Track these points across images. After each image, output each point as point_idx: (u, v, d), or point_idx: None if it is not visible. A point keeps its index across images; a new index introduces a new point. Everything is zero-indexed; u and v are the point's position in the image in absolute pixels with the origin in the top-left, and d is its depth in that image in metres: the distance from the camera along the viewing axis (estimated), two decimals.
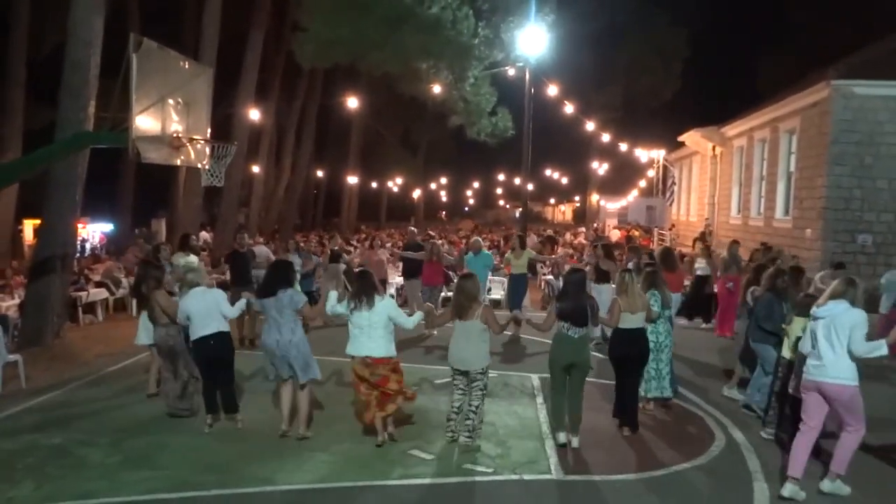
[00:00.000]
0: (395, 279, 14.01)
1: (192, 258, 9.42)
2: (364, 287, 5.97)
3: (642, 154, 32.33)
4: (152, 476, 5.40)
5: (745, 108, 21.43)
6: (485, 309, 6.02)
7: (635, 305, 6.49)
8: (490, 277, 14.85)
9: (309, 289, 11.05)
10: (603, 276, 9.83)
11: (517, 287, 11.12)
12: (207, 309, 6.32)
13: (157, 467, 5.59)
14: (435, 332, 10.49)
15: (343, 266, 12.33)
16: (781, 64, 33.36)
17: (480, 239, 12.83)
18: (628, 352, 6.54)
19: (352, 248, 17.24)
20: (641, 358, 6.65)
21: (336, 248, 13.20)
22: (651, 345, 6.89)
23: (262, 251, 12.08)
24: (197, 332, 6.34)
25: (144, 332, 7.34)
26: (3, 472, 5.47)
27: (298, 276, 10.78)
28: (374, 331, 5.86)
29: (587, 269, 9.56)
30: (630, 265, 8.38)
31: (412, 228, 15.20)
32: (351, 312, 5.91)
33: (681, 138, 26.08)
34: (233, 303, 6.68)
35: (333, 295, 6.33)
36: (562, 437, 6.13)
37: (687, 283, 12.30)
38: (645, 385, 7.09)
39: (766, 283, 7.10)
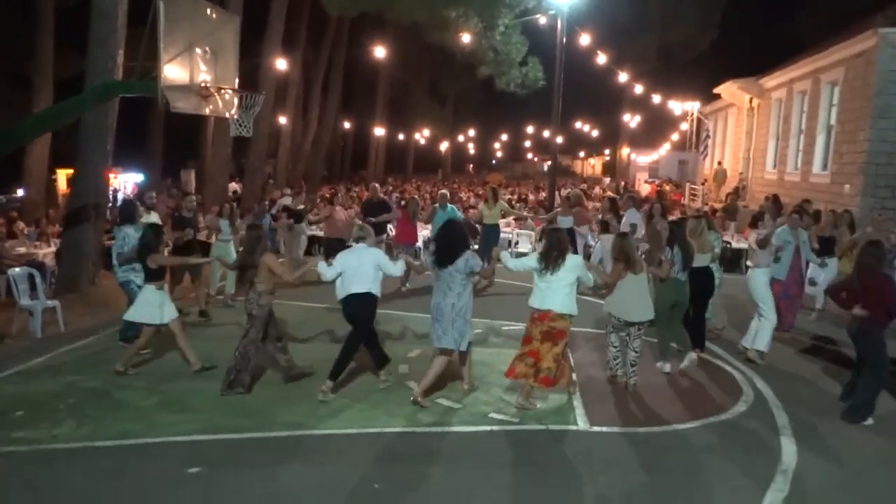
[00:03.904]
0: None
1: (153, 215, 9.43)
2: (556, 245, 5.90)
3: (676, 106, 31.41)
4: (187, 419, 5.56)
5: (785, 59, 20.67)
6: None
7: (704, 248, 7.28)
8: (517, 231, 15.13)
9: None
10: (604, 228, 10.60)
11: (489, 237, 11.25)
12: (364, 267, 6.17)
13: (191, 410, 5.75)
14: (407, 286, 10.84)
15: (306, 225, 12.51)
16: (824, 11, 31.87)
17: (447, 192, 12.68)
18: (704, 285, 7.32)
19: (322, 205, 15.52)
20: (711, 291, 7.57)
21: (301, 206, 12.71)
22: (717, 281, 7.82)
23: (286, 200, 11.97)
24: (348, 288, 6.15)
25: (147, 309, 6.68)
26: (47, 412, 5.68)
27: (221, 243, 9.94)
28: (560, 287, 5.84)
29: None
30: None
31: (375, 185, 14.41)
32: (542, 271, 5.86)
33: (716, 90, 25.32)
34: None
35: (505, 255, 6.31)
36: (668, 366, 6.90)
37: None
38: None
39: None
